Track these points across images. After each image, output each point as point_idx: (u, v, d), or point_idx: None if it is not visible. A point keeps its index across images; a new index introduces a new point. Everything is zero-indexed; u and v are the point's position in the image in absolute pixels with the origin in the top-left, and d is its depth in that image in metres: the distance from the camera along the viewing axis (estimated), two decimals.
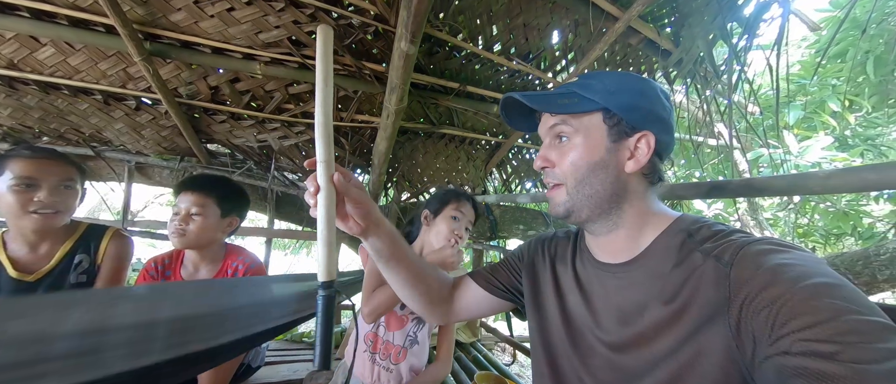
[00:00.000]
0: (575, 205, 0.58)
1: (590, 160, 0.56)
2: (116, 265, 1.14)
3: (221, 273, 1.19)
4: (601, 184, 0.56)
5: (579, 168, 0.56)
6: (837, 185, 0.77)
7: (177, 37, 1.45)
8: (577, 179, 0.57)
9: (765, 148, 2.87)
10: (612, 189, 0.56)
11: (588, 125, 0.57)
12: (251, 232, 2.28)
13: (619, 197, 0.57)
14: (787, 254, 0.44)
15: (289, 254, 8.05)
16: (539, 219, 2.10)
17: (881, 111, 3.61)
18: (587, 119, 0.57)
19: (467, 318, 0.86)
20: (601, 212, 0.58)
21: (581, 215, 0.58)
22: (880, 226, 3.51)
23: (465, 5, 1.47)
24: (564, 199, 0.58)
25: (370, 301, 1.04)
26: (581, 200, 0.57)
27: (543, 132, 0.62)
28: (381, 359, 1.14)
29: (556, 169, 0.59)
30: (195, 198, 1.11)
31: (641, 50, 1.66)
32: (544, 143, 0.62)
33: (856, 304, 0.37)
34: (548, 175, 0.61)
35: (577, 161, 0.56)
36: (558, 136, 0.59)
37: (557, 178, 0.59)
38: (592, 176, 0.56)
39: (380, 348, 1.14)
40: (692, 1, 1.44)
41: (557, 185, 0.60)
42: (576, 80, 0.61)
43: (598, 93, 0.56)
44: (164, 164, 2.04)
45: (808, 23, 1.54)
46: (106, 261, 1.12)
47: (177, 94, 1.67)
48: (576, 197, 0.57)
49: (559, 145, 0.59)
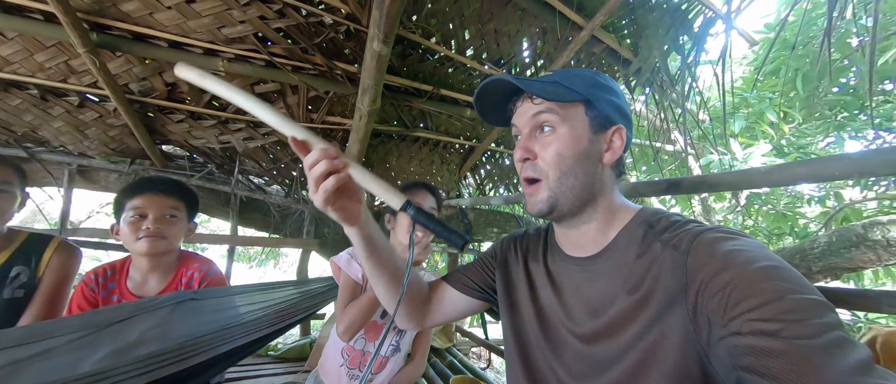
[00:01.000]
0: (558, 199, 0.57)
1: (575, 150, 0.57)
2: (60, 280, 1.02)
3: (175, 282, 1.09)
4: (585, 174, 0.57)
5: (565, 158, 0.57)
6: (776, 179, 0.85)
7: (129, 28, 1.35)
8: (561, 170, 0.57)
9: (715, 154, 3.12)
10: (591, 180, 0.58)
11: (573, 115, 0.58)
12: (211, 239, 2.14)
13: (596, 189, 0.59)
14: (737, 241, 0.47)
15: (254, 267, 7.59)
16: (512, 222, 2.13)
17: (810, 123, 4.06)
18: (572, 109, 0.58)
19: (444, 322, 0.85)
20: (581, 205, 0.59)
21: (563, 209, 0.58)
22: (813, 227, 3.91)
23: (437, 9, 1.49)
24: (546, 195, 0.58)
25: (344, 318, 1.00)
26: (564, 193, 0.57)
27: (523, 122, 0.61)
28: (360, 372, 1.09)
29: (537, 161, 0.58)
30: (170, 200, 1.05)
31: (604, 58, 1.75)
32: (523, 133, 0.61)
33: (795, 284, 0.40)
34: (527, 169, 0.60)
35: (563, 151, 0.56)
36: (541, 126, 0.59)
37: (538, 173, 0.58)
38: (577, 166, 0.57)
39: (358, 362, 1.09)
40: (649, 14, 1.54)
41: (536, 182, 0.59)
42: (552, 73, 0.62)
43: (579, 85, 0.58)
44: (111, 166, 1.87)
45: (748, 39, 1.71)
46: (48, 275, 1.01)
47: (128, 91, 1.55)
48: (558, 190, 0.57)
49: (541, 136, 0.59)
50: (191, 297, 1.06)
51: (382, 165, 2.14)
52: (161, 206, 1.03)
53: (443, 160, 2.27)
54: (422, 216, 0.53)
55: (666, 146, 2.81)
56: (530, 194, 0.60)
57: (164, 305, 0.99)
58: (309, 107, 1.77)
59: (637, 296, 0.52)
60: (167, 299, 0.99)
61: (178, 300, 1.01)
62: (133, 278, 1.07)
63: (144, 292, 1.06)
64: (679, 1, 1.52)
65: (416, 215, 0.53)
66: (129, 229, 1.00)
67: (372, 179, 0.52)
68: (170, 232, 1.04)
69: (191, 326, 1.01)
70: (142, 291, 1.06)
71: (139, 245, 1.00)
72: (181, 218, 1.08)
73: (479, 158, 2.36)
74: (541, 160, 0.58)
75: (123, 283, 1.07)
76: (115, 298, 1.04)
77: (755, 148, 3.52)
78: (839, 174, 0.74)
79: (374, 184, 0.52)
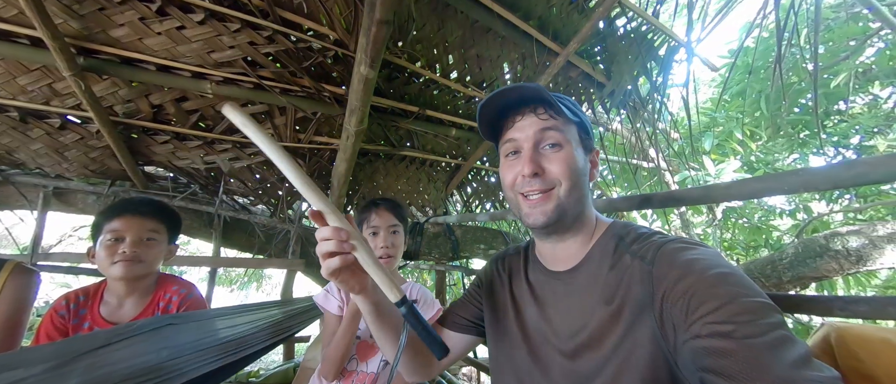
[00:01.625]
0: (566, 210, 0.60)
1: (578, 166, 0.61)
2: (16, 307, 0.98)
3: (152, 307, 1.06)
4: (582, 189, 0.62)
5: (574, 172, 0.60)
6: (736, 192, 0.93)
7: (116, 53, 1.37)
8: (572, 182, 0.60)
9: (689, 170, 3.28)
10: (586, 196, 0.63)
11: (574, 135, 0.63)
12: (191, 261, 2.09)
13: (586, 204, 0.64)
14: (695, 251, 0.52)
15: (235, 290, 7.33)
16: (499, 239, 2.17)
17: (775, 140, 4.32)
18: (572, 129, 0.63)
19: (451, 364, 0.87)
20: (578, 216, 0.63)
21: (568, 219, 0.61)
22: (786, 239, 4.09)
23: (422, 36, 1.57)
24: (556, 204, 0.59)
25: (325, 361, 1.00)
26: (571, 205, 0.60)
27: (525, 135, 0.61)
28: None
29: (545, 175, 0.60)
30: (150, 222, 1.03)
31: (580, 82, 1.86)
32: (526, 148, 0.61)
33: (745, 288, 0.44)
34: (532, 183, 0.60)
35: (572, 165, 0.60)
36: (546, 141, 0.61)
37: (548, 184, 0.60)
38: (581, 181, 0.61)
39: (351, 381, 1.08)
40: (618, 42, 1.66)
41: (546, 192, 0.60)
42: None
43: (570, 111, 0.61)
44: (89, 188, 1.83)
45: (709, 66, 1.85)
46: (2, 302, 0.95)
47: (112, 113, 1.55)
48: (567, 200, 0.60)
49: (549, 152, 0.61)
50: (169, 322, 1.03)
51: (370, 184, 2.17)
52: (140, 229, 1.01)
53: (429, 178, 2.31)
54: (412, 317, 0.56)
55: (643, 163, 2.94)
56: (537, 204, 0.60)
57: (141, 332, 0.96)
58: (296, 127, 1.80)
59: (612, 307, 0.55)
60: (144, 326, 0.96)
61: (155, 326, 0.98)
62: (107, 303, 1.03)
63: (119, 318, 1.03)
64: (645, 30, 1.65)
65: (408, 315, 0.56)
66: (105, 253, 0.98)
67: (375, 266, 0.54)
68: (147, 255, 1.02)
69: (169, 351, 0.98)
70: (116, 317, 1.02)
71: (114, 269, 0.97)
72: (161, 241, 1.07)
73: (466, 176, 2.41)
74: (548, 173, 0.60)
75: (96, 310, 1.02)
76: (87, 325, 1.00)
77: (726, 164, 3.71)
78: (788, 188, 0.81)
79: (376, 272, 0.54)
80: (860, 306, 0.67)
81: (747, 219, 4.25)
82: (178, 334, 1.02)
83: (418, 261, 2.40)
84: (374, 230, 1.11)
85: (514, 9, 1.50)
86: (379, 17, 1.13)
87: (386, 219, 1.11)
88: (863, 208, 3.66)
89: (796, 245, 1.89)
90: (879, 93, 4.26)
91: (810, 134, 4.13)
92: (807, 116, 4.23)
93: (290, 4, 1.36)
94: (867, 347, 0.54)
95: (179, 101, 1.59)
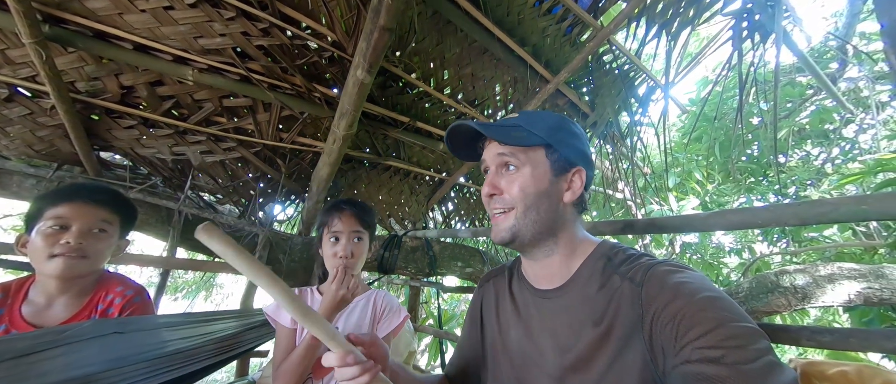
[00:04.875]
0: (520, 230, 0.62)
1: (536, 189, 0.62)
2: None
3: (88, 309, 0.92)
4: (545, 211, 0.62)
5: (528, 194, 0.61)
6: (713, 223, 0.99)
7: (90, 25, 1.26)
8: (526, 205, 0.61)
9: (655, 205, 3.50)
10: (552, 217, 0.63)
11: (534, 159, 0.63)
12: (142, 261, 1.88)
13: (557, 225, 0.63)
14: (683, 274, 0.53)
15: (181, 299, 6.68)
16: (477, 257, 2.16)
17: (727, 184, 4.74)
18: (533, 153, 0.63)
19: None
20: (541, 238, 0.63)
21: (524, 239, 0.62)
22: (733, 276, 4.43)
23: (420, 48, 1.59)
24: (512, 224, 0.62)
25: (278, 379, 0.92)
26: (527, 225, 0.61)
27: (490, 159, 0.66)
28: None
29: (504, 195, 0.63)
30: (103, 211, 0.91)
31: (566, 110, 1.95)
32: (490, 170, 0.66)
33: (733, 313, 0.46)
34: (495, 202, 0.64)
35: (526, 187, 0.61)
36: (506, 165, 0.64)
37: (506, 204, 0.63)
38: (538, 202, 0.62)
39: None
40: (604, 76, 1.78)
41: (505, 212, 0.63)
42: (517, 115, 0.68)
43: (542, 130, 0.63)
44: (31, 171, 1.63)
45: (680, 107, 2.02)
46: None
47: (73, 89, 1.41)
48: (522, 221, 0.61)
49: (507, 173, 0.64)
50: (114, 330, 0.90)
51: (351, 191, 2.10)
52: (89, 218, 0.88)
53: (412, 190, 2.29)
54: None
55: (615, 194, 3.09)
56: (498, 222, 0.64)
57: (75, 340, 0.83)
58: (280, 125, 1.72)
59: (601, 329, 0.55)
60: (81, 332, 0.82)
61: (96, 334, 0.85)
62: (32, 302, 0.88)
63: (45, 321, 0.87)
64: (627, 69, 1.77)
65: None
66: (42, 243, 0.83)
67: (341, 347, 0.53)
68: (94, 249, 0.89)
69: (108, 362, 0.86)
70: (41, 319, 0.87)
71: (51, 264, 0.83)
72: (112, 234, 0.94)
73: (448, 192, 2.41)
74: (507, 194, 0.63)
75: (17, 310, 0.86)
76: (3, 328, 0.85)
77: (686, 202, 4.01)
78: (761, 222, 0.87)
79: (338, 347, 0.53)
80: (825, 336, 0.72)
81: (701, 254, 4.57)
82: (119, 342, 0.89)
83: (391, 276, 2.33)
84: (336, 235, 1.04)
85: (512, 34, 1.57)
86: (382, 24, 1.13)
87: (349, 225, 1.04)
88: (798, 251, 4.06)
89: (750, 281, 2.03)
90: (812, 150, 4.84)
91: (755, 181, 4.58)
92: (752, 165, 4.71)
93: (291, 0, 1.33)
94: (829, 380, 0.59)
95: (154, 85, 1.48)
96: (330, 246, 1.05)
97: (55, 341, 0.80)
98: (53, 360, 0.78)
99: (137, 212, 1.07)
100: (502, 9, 1.50)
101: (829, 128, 4.32)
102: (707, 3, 1.39)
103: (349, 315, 1.09)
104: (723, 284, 4.24)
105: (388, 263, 2.02)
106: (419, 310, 2.57)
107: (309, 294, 1.12)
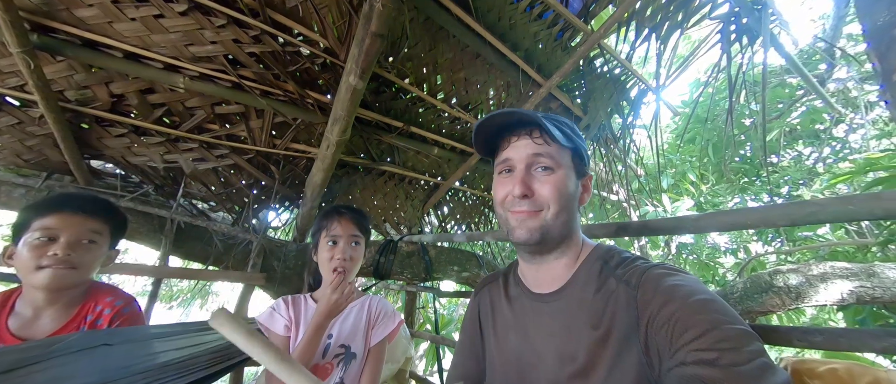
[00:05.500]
0: (551, 231, 0.61)
1: (568, 191, 0.62)
2: None
3: (76, 321, 0.90)
4: (570, 213, 0.63)
5: (563, 195, 0.61)
6: (704, 225, 0.99)
7: (79, 34, 1.26)
8: (559, 206, 0.61)
9: (649, 206, 3.51)
10: (573, 220, 0.64)
11: (567, 160, 0.63)
12: (133, 270, 1.86)
13: (573, 228, 0.64)
14: (677, 277, 0.53)
15: (175, 307, 6.60)
16: (473, 261, 2.15)
17: (721, 185, 4.78)
18: (564, 154, 0.63)
19: None
20: (563, 240, 0.63)
21: (551, 241, 0.62)
22: (729, 276, 4.45)
23: (413, 54, 1.59)
24: (541, 224, 0.61)
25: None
26: (557, 227, 0.61)
27: (519, 157, 0.63)
28: None
29: (536, 196, 0.61)
30: (93, 222, 0.90)
31: (559, 113, 1.96)
32: (518, 169, 0.63)
33: (726, 315, 0.46)
34: (521, 204, 0.61)
35: (562, 189, 0.61)
36: (538, 164, 0.62)
37: (536, 206, 0.61)
38: (569, 205, 0.62)
39: None
40: (595, 80, 1.79)
41: (534, 212, 0.61)
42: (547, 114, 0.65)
43: (566, 136, 0.62)
44: (19, 180, 1.61)
45: (672, 110, 2.04)
46: None
47: (62, 98, 1.40)
48: (553, 223, 0.61)
49: (540, 174, 0.62)
50: (103, 342, 0.89)
51: (345, 197, 2.09)
52: (78, 229, 0.87)
53: (407, 195, 2.28)
54: None
55: (610, 196, 3.11)
56: (524, 219, 0.61)
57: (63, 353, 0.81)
58: (273, 132, 1.72)
59: (599, 332, 0.55)
60: (69, 345, 0.80)
61: (85, 346, 0.83)
62: (19, 315, 0.86)
63: (32, 333, 0.85)
64: (619, 73, 1.79)
65: None
66: (29, 254, 0.82)
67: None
68: (83, 260, 0.87)
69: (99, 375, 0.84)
70: (28, 332, 0.85)
71: (39, 276, 0.82)
72: (101, 244, 0.93)
73: (443, 196, 2.41)
74: (539, 196, 0.61)
75: (3, 323, 0.85)
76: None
77: (681, 203, 4.03)
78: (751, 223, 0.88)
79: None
80: (816, 336, 0.72)
81: (697, 255, 4.59)
82: (108, 355, 0.88)
83: (388, 281, 2.32)
84: (334, 239, 1.05)
85: (503, 39, 1.58)
86: (374, 30, 1.14)
87: (347, 229, 1.06)
88: (793, 251, 4.09)
89: (745, 281, 2.04)
90: (803, 150, 4.90)
91: (748, 181, 4.63)
92: (745, 165, 4.76)
93: (282, 7, 1.33)
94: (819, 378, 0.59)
95: (145, 93, 1.47)
96: (327, 250, 1.05)
97: (42, 355, 0.78)
98: (40, 374, 0.76)
99: (128, 221, 1.06)
100: (494, 14, 1.51)
101: (819, 128, 4.38)
102: (695, 7, 1.41)
103: (343, 320, 1.08)
104: (718, 284, 4.26)
105: (383, 269, 2.01)
106: (416, 315, 2.55)
107: (303, 301, 1.11)
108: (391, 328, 1.09)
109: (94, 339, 0.87)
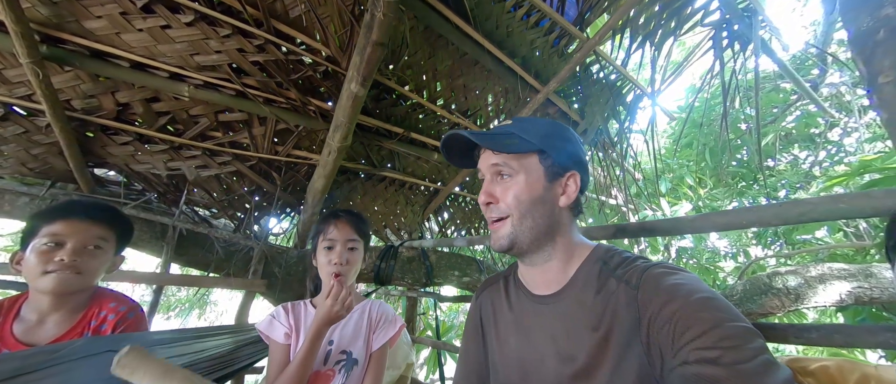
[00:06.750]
0: (518, 237, 0.62)
1: (531, 195, 0.62)
2: None
3: (80, 326, 0.91)
4: (541, 216, 0.62)
5: (523, 202, 0.62)
6: (700, 226, 1.01)
7: (87, 44, 1.28)
8: (520, 211, 0.62)
9: (648, 210, 3.53)
10: (548, 222, 0.63)
11: (527, 165, 0.64)
12: (135, 277, 1.86)
13: (554, 229, 0.64)
14: (678, 275, 0.54)
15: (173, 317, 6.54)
16: (473, 266, 2.16)
17: (718, 188, 4.81)
18: (526, 160, 0.64)
19: None
20: (539, 244, 0.63)
21: (523, 246, 0.63)
22: (729, 280, 4.45)
23: (413, 61, 1.63)
24: (509, 232, 0.62)
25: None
26: (523, 232, 0.62)
27: (485, 168, 0.67)
28: None
29: (500, 203, 0.63)
30: (98, 228, 0.91)
31: (557, 118, 1.99)
32: (486, 179, 0.66)
33: (728, 313, 0.46)
34: (491, 210, 0.64)
35: (520, 195, 0.62)
36: (500, 173, 0.65)
37: (502, 212, 0.63)
38: (534, 209, 0.62)
39: None
40: (592, 86, 1.83)
41: (501, 219, 0.64)
42: (511, 122, 0.69)
43: (535, 136, 0.64)
44: (23, 189, 1.62)
45: (667, 114, 2.07)
46: None
47: (69, 107, 1.42)
48: (519, 228, 0.62)
49: (502, 181, 0.64)
50: (107, 349, 0.89)
51: (346, 203, 2.11)
52: (84, 235, 0.89)
53: (407, 201, 2.30)
54: None
55: (609, 200, 3.13)
56: (495, 229, 0.64)
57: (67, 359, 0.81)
58: (275, 139, 1.74)
59: (600, 333, 0.55)
60: (73, 351, 0.81)
61: (89, 353, 0.83)
62: (24, 320, 0.87)
63: (37, 339, 0.86)
64: (615, 78, 1.83)
65: None
66: (36, 260, 0.84)
67: None
68: (88, 266, 0.89)
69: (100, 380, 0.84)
70: (33, 337, 0.86)
71: (44, 280, 0.83)
72: (107, 250, 0.94)
73: (443, 201, 2.43)
74: (502, 202, 0.63)
75: (8, 328, 0.86)
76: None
77: (679, 206, 4.05)
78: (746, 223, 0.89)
79: None
80: (812, 333, 0.74)
81: (697, 259, 4.60)
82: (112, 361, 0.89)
83: (388, 287, 2.32)
84: (330, 243, 1.04)
85: (501, 46, 1.61)
86: (375, 39, 1.17)
87: (345, 233, 1.05)
88: (792, 254, 4.10)
89: (744, 283, 2.05)
90: (799, 154, 4.94)
91: (746, 185, 4.66)
92: (742, 169, 4.79)
93: (286, 17, 1.36)
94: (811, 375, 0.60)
95: (150, 101, 1.50)
96: (325, 254, 1.05)
97: (46, 361, 0.79)
98: (44, 380, 0.77)
99: (133, 228, 1.07)
100: (491, 22, 1.55)
101: (814, 132, 4.42)
102: (687, 15, 1.45)
103: (344, 326, 1.08)
104: (718, 288, 4.26)
105: (384, 274, 2.01)
106: (417, 321, 2.55)
107: (302, 307, 1.11)
108: (392, 333, 1.09)
109: (98, 346, 0.87)
